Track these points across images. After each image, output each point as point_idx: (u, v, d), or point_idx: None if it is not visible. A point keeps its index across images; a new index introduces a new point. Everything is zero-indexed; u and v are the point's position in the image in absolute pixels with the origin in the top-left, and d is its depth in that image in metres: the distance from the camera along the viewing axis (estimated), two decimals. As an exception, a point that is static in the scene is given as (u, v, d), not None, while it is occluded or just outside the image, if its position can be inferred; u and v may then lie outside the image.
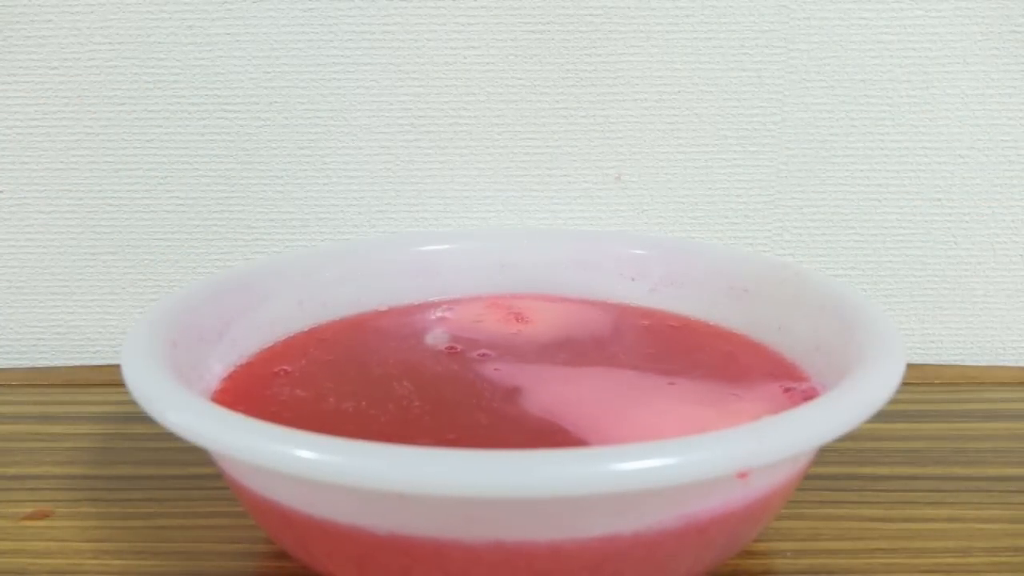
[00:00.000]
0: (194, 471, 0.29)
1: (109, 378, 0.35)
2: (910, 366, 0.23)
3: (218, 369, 0.27)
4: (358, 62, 0.38)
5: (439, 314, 0.32)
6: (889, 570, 0.24)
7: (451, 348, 0.29)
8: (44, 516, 0.27)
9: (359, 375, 0.27)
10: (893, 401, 0.21)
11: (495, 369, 0.27)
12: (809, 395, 0.25)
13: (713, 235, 0.39)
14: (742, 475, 0.19)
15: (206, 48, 0.38)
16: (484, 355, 0.29)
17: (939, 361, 0.40)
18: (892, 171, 0.38)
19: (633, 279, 0.33)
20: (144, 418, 0.21)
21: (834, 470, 0.29)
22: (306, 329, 0.31)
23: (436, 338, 0.30)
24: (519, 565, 0.19)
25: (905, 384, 0.22)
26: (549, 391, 0.25)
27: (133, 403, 0.21)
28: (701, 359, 0.28)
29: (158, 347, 0.24)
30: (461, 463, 0.17)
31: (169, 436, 0.20)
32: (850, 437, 0.20)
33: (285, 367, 0.28)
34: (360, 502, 0.19)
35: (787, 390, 0.26)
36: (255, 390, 0.26)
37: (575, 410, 0.24)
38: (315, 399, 0.26)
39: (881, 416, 0.21)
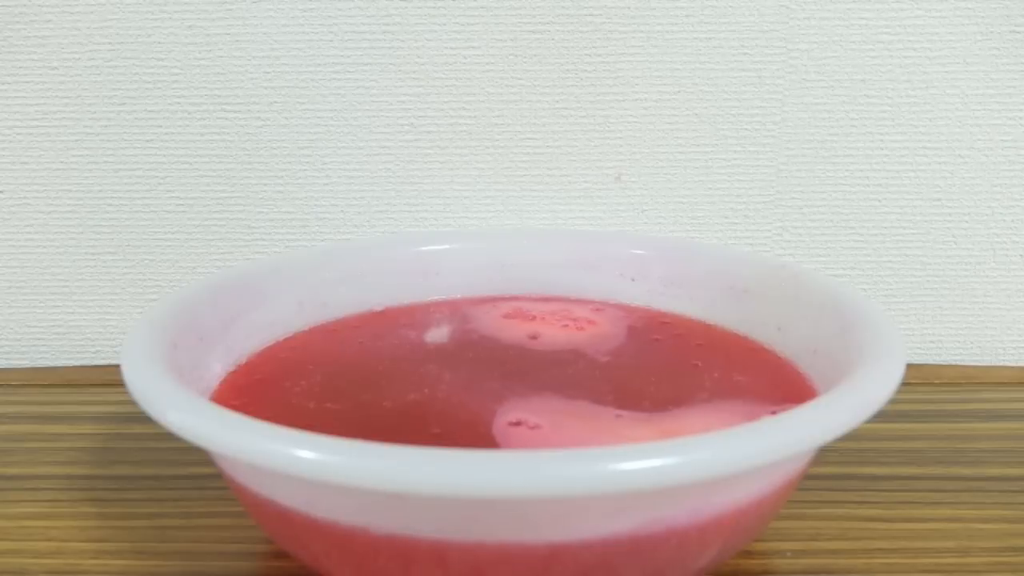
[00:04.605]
0: (194, 471, 0.29)
1: (109, 378, 0.34)
2: (910, 366, 0.23)
3: (218, 369, 0.27)
4: (358, 62, 0.38)
5: (438, 314, 0.32)
6: (889, 570, 0.24)
7: (449, 349, 0.29)
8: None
9: (358, 375, 0.27)
10: (893, 401, 0.21)
11: (491, 371, 0.27)
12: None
13: (713, 235, 0.39)
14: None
15: (206, 48, 0.38)
16: (481, 357, 0.28)
17: (939, 361, 0.40)
18: (892, 171, 0.38)
19: (633, 279, 0.33)
20: (144, 418, 0.21)
21: (834, 470, 0.29)
22: (306, 329, 0.31)
23: (434, 338, 0.30)
24: (519, 565, 0.19)
25: (905, 384, 0.22)
26: (534, 400, 0.25)
27: (133, 403, 0.21)
28: (693, 369, 0.28)
29: (158, 347, 0.24)
30: (461, 463, 0.17)
31: (169, 436, 0.20)
32: (850, 437, 0.20)
33: (285, 368, 0.28)
34: (360, 502, 0.19)
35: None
36: (255, 390, 0.26)
37: (559, 422, 0.24)
38: (315, 399, 0.26)
39: (881, 416, 0.21)
